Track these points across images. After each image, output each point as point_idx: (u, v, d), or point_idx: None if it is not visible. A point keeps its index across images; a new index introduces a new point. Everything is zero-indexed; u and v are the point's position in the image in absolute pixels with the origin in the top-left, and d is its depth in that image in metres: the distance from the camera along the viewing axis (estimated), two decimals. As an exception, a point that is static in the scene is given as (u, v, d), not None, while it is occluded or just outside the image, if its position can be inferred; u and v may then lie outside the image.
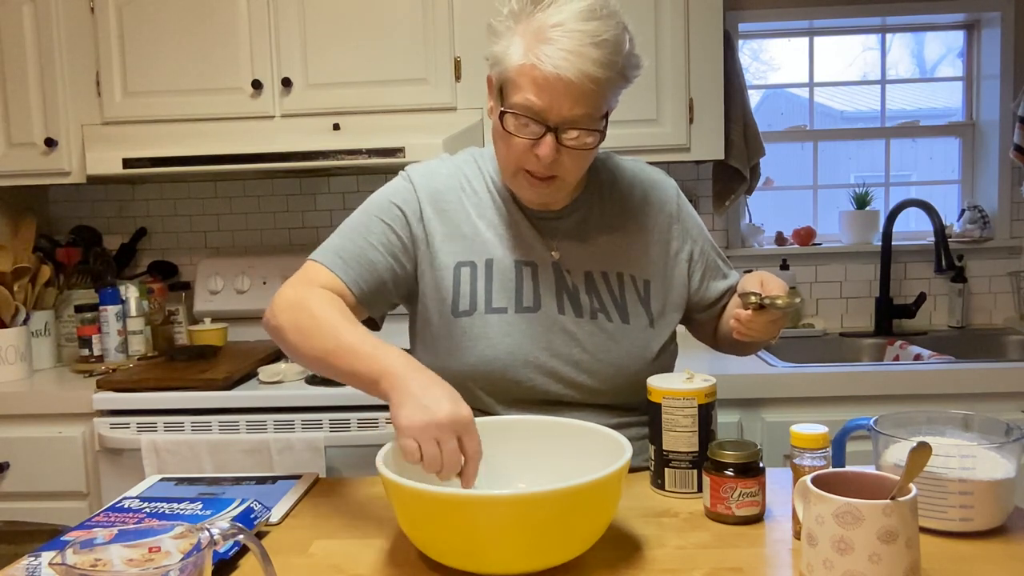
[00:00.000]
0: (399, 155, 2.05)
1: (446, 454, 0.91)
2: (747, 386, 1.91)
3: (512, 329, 1.17)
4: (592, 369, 1.18)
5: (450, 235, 1.21)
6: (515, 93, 1.07)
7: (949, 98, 2.67)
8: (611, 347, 1.19)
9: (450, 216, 1.22)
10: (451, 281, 1.19)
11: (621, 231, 1.25)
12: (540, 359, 1.17)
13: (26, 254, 2.21)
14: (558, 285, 1.20)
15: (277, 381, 1.96)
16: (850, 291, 2.56)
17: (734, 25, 2.46)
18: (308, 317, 1.09)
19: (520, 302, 1.18)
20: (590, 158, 1.15)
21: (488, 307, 1.17)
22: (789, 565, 0.89)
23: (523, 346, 1.16)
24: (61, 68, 2.17)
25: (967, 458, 0.93)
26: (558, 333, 1.18)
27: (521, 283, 1.19)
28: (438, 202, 1.23)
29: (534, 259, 1.21)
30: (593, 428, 1.04)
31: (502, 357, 1.16)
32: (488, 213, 1.23)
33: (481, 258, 1.20)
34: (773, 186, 2.67)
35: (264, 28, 2.13)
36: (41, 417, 1.96)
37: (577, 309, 1.19)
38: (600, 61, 1.03)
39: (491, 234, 1.21)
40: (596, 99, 1.06)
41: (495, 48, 1.10)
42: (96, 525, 1.00)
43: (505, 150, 1.13)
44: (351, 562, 0.94)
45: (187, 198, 2.57)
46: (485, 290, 1.18)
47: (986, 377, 1.89)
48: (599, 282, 1.21)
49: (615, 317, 1.20)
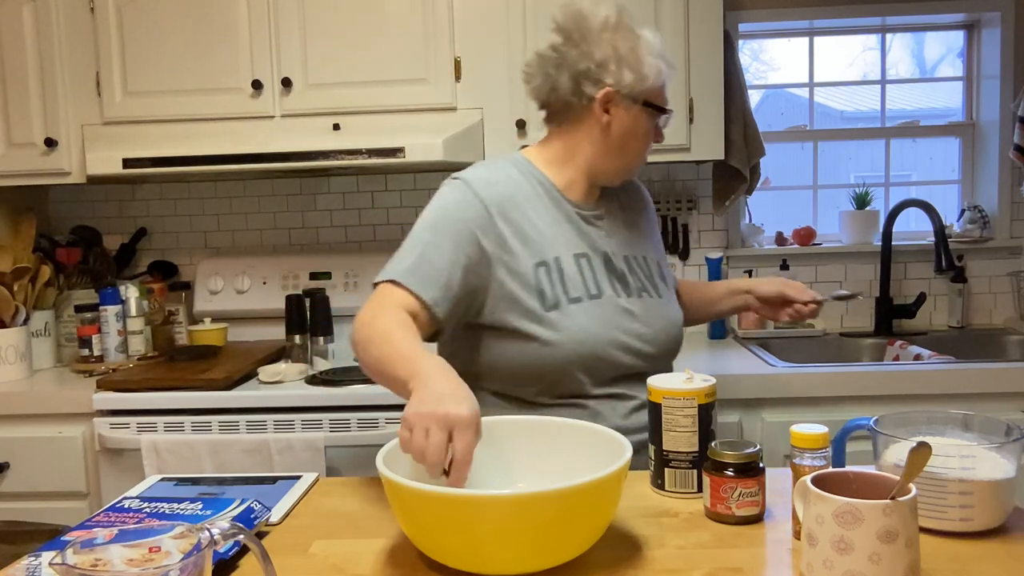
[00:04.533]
0: (399, 155, 2.05)
1: (430, 445, 0.91)
2: (747, 386, 1.91)
3: (591, 315, 1.29)
4: (652, 339, 1.34)
5: (521, 239, 1.30)
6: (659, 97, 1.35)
7: (949, 98, 2.68)
8: (660, 318, 1.36)
9: (517, 221, 1.31)
10: (534, 281, 1.28)
11: (633, 221, 1.45)
12: (616, 337, 1.30)
13: (26, 254, 2.22)
14: (608, 271, 1.35)
15: (277, 381, 1.96)
16: (850, 291, 2.56)
17: (734, 25, 2.46)
18: (371, 331, 1.15)
19: (588, 291, 1.31)
20: None
21: (568, 298, 1.29)
22: (789, 565, 0.89)
23: (602, 328, 1.29)
24: (61, 68, 2.18)
25: (967, 458, 0.93)
26: (621, 313, 1.32)
27: (583, 275, 1.32)
28: (505, 210, 1.31)
29: (586, 251, 1.34)
30: (593, 428, 1.04)
31: (590, 340, 1.28)
32: (543, 214, 1.34)
33: (550, 256, 1.31)
34: (773, 186, 2.67)
35: (264, 28, 2.13)
36: (41, 417, 1.96)
37: (627, 290, 1.35)
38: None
39: (550, 233, 1.33)
40: None
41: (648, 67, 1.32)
42: (96, 525, 1.00)
43: (643, 146, 1.37)
44: (351, 562, 0.94)
45: (187, 198, 2.57)
46: (561, 284, 1.30)
47: (986, 377, 1.89)
48: (634, 264, 1.39)
49: (653, 293, 1.38)
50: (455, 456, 0.92)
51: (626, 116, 1.33)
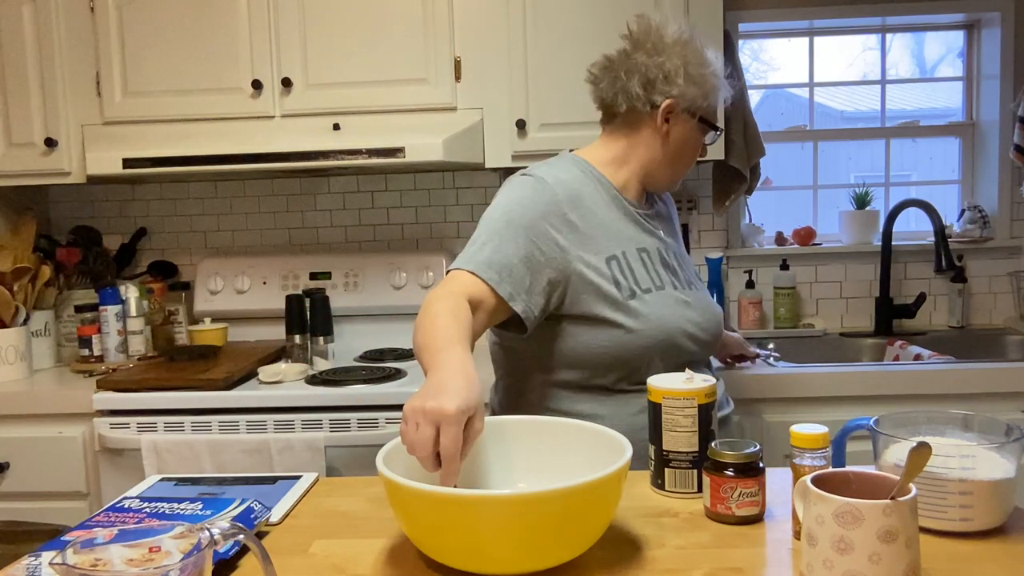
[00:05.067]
0: (399, 155, 2.05)
1: (417, 439, 0.92)
2: (747, 386, 1.91)
3: (659, 305, 1.35)
4: (707, 327, 1.41)
5: (592, 234, 1.35)
6: (712, 117, 1.45)
7: (949, 98, 2.67)
8: (709, 308, 1.43)
9: (586, 215, 1.36)
10: (609, 272, 1.34)
11: (671, 221, 1.57)
12: (683, 325, 1.36)
13: (26, 254, 2.21)
14: (664, 265, 1.42)
15: (277, 381, 1.96)
16: (850, 291, 2.56)
17: (734, 25, 2.46)
18: (423, 318, 1.16)
19: (653, 283, 1.38)
20: None
21: (641, 289, 1.35)
22: (789, 565, 0.89)
23: (673, 316, 1.36)
24: (61, 68, 2.18)
25: (967, 458, 0.93)
26: (681, 304, 1.38)
27: (646, 267, 1.39)
28: (576, 205, 1.36)
29: (645, 246, 1.41)
30: (593, 428, 1.04)
31: (666, 327, 1.34)
32: (607, 211, 1.40)
33: (618, 250, 1.37)
34: (773, 186, 2.67)
35: (264, 28, 2.13)
36: (41, 417, 1.96)
37: (680, 282, 1.42)
38: None
39: (614, 228, 1.39)
40: None
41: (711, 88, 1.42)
42: (96, 525, 1.00)
43: (691, 159, 1.47)
44: (351, 562, 0.94)
45: (187, 198, 2.57)
46: (631, 276, 1.36)
47: (986, 377, 1.89)
48: (679, 258, 1.48)
49: (699, 287, 1.47)
50: (442, 451, 0.92)
51: (683, 128, 1.43)
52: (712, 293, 2.43)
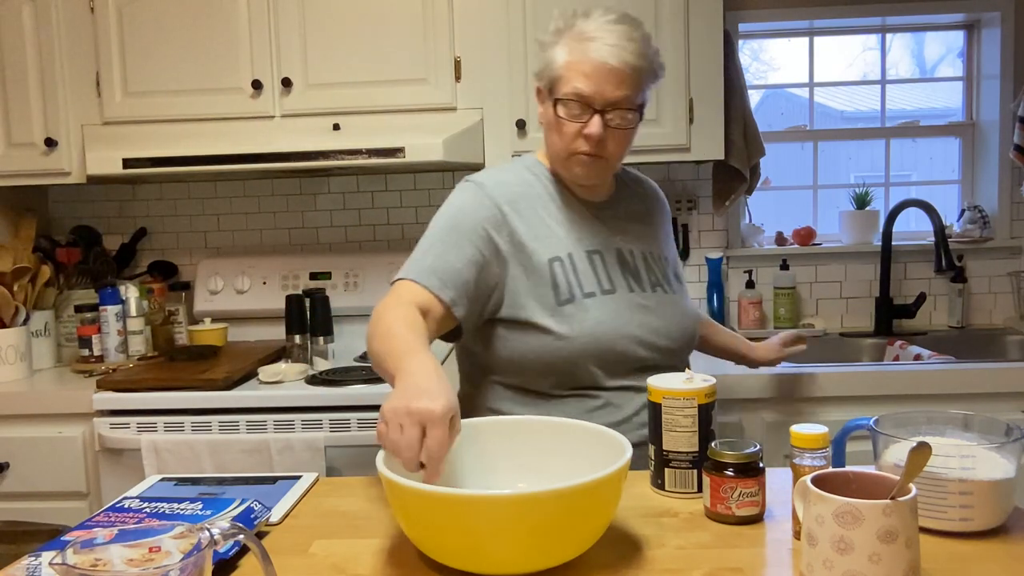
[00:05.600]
0: (399, 155, 2.05)
1: (404, 440, 0.91)
2: (747, 386, 1.91)
3: (605, 310, 1.31)
4: (668, 333, 1.36)
5: (534, 235, 1.33)
6: (565, 85, 1.27)
7: (949, 98, 2.67)
8: (675, 312, 1.38)
9: (529, 218, 1.34)
10: (549, 275, 1.31)
11: (649, 220, 1.48)
12: (630, 330, 1.32)
13: (26, 254, 2.21)
14: (623, 267, 1.37)
15: (277, 381, 1.96)
16: (850, 291, 2.56)
17: (734, 25, 2.46)
18: (377, 327, 1.16)
19: (601, 286, 1.33)
20: (631, 139, 1.34)
21: (583, 293, 1.31)
22: (789, 565, 0.89)
23: (616, 321, 1.31)
24: (61, 68, 2.18)
25: (967, 458, 0.93)
26: (637, 307, 1.34)
27: (596, 271, 1.34)
28: (517, 208, 1.34)
29: (599, 248, 1.37)
30: (593, 428, 1.04)
31: (607, 333, 1.30)
32: (555, 212, 1.37)
33: (563, 252, 1.33)
34: (773, 186, 2.67)
35: (264, 28, 2.13)
36: (41, 417, 1.96)
37: (642, 284, 1.37)
38: (636, 52, 1.26)
39: (562, 231, 1.35)
40: (634, 84, 1.27)
41: (544, 56, 1.32)
42: (96, 525, 1.00)
43: (559, 138, 1.31)
44: (351, 562, 0.94)
45: (187, 198, 2.57)
46: (575, 279, 1.32)
47: (986, 377, 1.89)
48: (650, 259, 1.42)
49: (668, 288, 1.41)
50: (428, 451, 0.92)
51: (544, 108, 1.35)
52: (712, 293, 2.43)
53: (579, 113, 1.27)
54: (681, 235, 2.52)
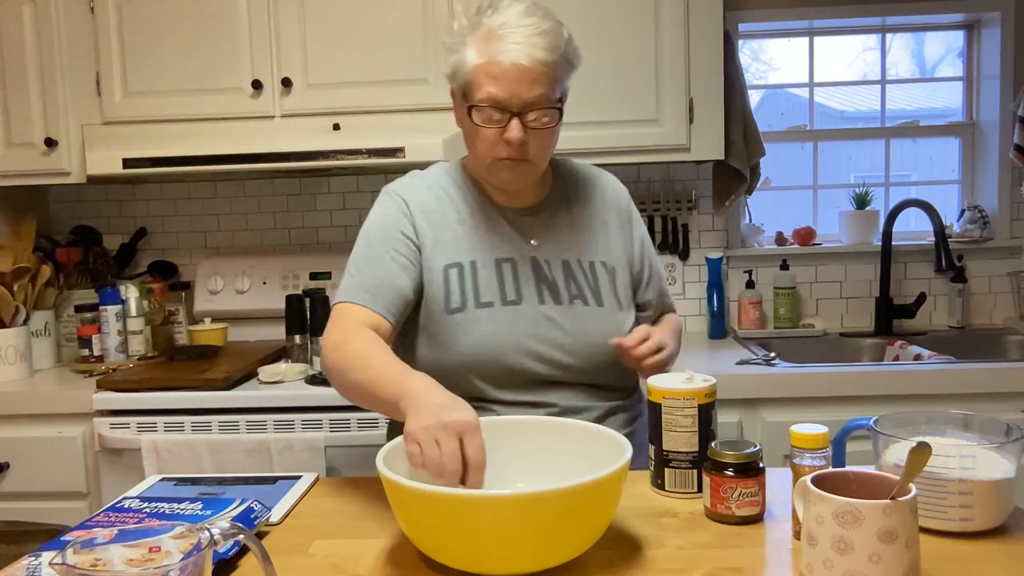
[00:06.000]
0: (399, 155, 2.05)
1: (445, 453, 0.91)
2: (747, 386, 1.91)
3: (500, 320, 1.26)
4: (574, 350, 1.28)
5: (438, 240, 1.30)
6: (478, 91, 1.20)
7: (949, 98, 2.67)
8: (590, 328, 1.29)
9: (436, 223, 1.31)
10: (442, 282, 1.28)
11: (588, 224, 1.37)
12: (528, 344, 1.26)
13: (26, 254, 2.21)
14: (537, 277, 1.30)
15: (277, 381, 1.96)
16: (850, 291, 2.56)
17: (734, 25, 2.46)
18: (345, 357, 1.15)
19: (505, 296, 1.28)
20: (554, 138, 1.27)
21: (477, 303, 1.27)
22: (789, 565, 0.89)
23: (512, 334, 1.26)
24: (61, 68, 2.17)
25: (967, 458, 0.93)
26: (542, 320, 1.28)
27: (503, 280, 1.29)
28: (425, 212, 1.31)
29: (513, 256, 1.31)
30: (593, 428, 1.04)
31: (493, 345, 1.25)
32: (467, 217, 1.32)
33: (466, 259, 1.29)
34: (773, 186, 2.67)
35: (264, 28, 2.13)
36: (41, 417, 1.96)
37: (556, 297, 1.30)
38: (546, 47, 1.18)
39: (473, 236, 1.31)
40: (549, 81, 1.20)
41: (452, 60, 1.24)
42: (96, 525, 1.00)
43: (479, 144, 1.25)
44: (351, 562, 0.94)
45: (187, 198, 2.57)
46: (472, 288, 1.28)
47: (986, 377, 1.89)
48: (576, 269, 1.33)
49: (591, 301, 1.31)
50: (470, 460, 0.92)
51: (460, 113, 1.28)
52: (712, 293, 2.43)
53: (497, 118, 1.21)
54: (681, 235, 2.52)
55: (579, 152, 2.11)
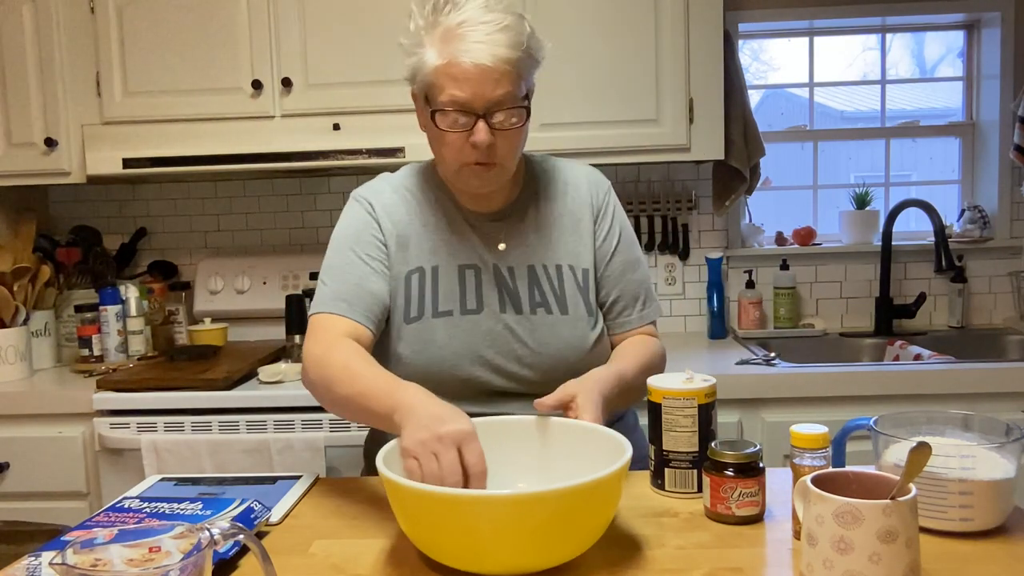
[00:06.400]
0: (399, 155, 2.05)
1: (444, 466, 0.91)
2: (747, 386, 1.91)
3: (457, 331, 1.24)
4: (532, 363, 1.25)
5: (401, 245, 1.28)
6: (440, 94, 1.15)
7: (949, 98, 2.67)
8: (551, 340, 1.26)
9: (401, 228, 1.28)
10: (403, 289, 1.26)
11: (556, 224, 1.31)
12: (485, 356, 1.24)
13: (26, 254, 2.21)
14: (499, 285, 1.27)
15: (277, 381, 1.96)
16: (850, 291, 2.56)
17: (734, 25, 2.46)
18: (330, 370, 1.13)
19: (464, 305, 1.25)
20: (522, 138, 1.22)
21: (435, 311, 1.25)
22: (789, 565, 0.89)
23: (468, 345, 1.24)
24: (61, 68, 2.17)
25: (967, 458, 0.93)
26: (501, 331, 1.25)
27: (464, 287, 1.26)
28: (391, 215, 1.29)
29: (476, 262, 1.28)
30: (593, 428, 1.04)
31: (448, 357, 1.23)
32: (432, 221, 1.29)
33: (428, 265, 1.27)
34: (773, 186, 2.67)
35: (264, 28, 2.13)
36: (41, 417, 1.96)
37: (517, 306, 1.26)
38: (509, 43, 1.13)
39: (437, 240, 1.28)
40: (513, 79, 1.15)
41: (410, 62, 1.19)
42: (96, 525, 1.00)
43: (445, 150, 1.20)
44: (351, 562, 0.94)
45: (187, 198, 2.57)
46: (432, 296, 1.26)
47: (986, 377, 1.89)
48: (541, 275, 1.28)
49: (555, 309, 1.27)
50: (470, 468, 0.92)
51: (424, 117, 1.22)
52: (712, 293, 2.43)
53: (462, 121, 1.15)
54: (681, 235, 2.52)
55: (579, 152, 2.11)
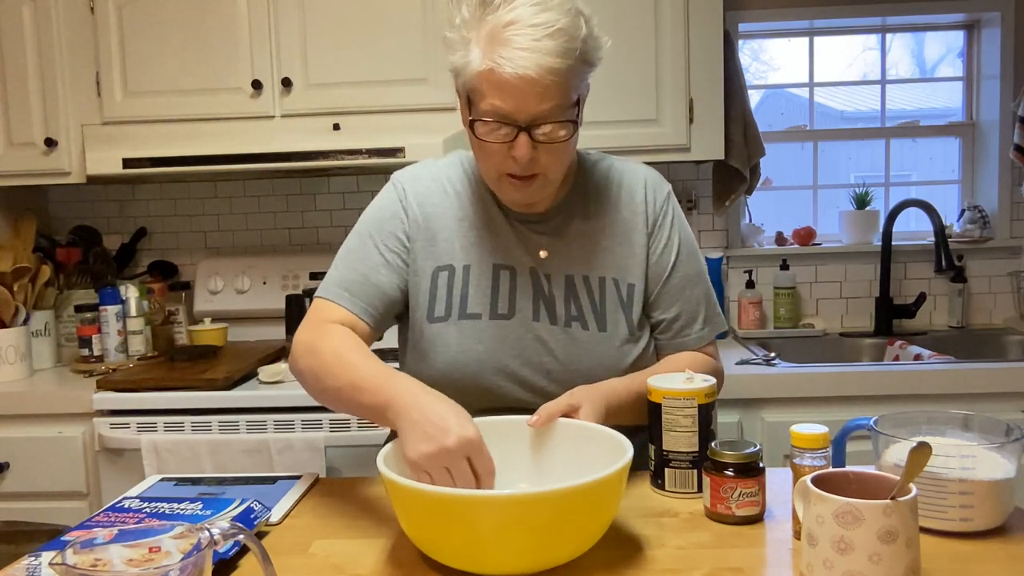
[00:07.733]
0: (399, 155, 2.05)
1: (458, 478, 0.91)
2: (747, 386, 1.91)
3: (484, 336, 1.17)
4: (562, 379, 1.17)
5: (432, 239, 1.21)
6: (481, 100, 1.07)
7: (949, 98, 2.67)
8: (583, 357, 1.18)
9: (433, 220, 1.22)
10: (428, 286, 1.20)
11: (607, 233, 1.22)
12: (511, 367, 1.17)
13: (26, 254, 2.21)
14: (535, 291, 1.19)
15: (277, 381, 1.96)
16: (850, 291, 2.56)
17: (734, 25, 2.46)
18: (321, 359, 1.10)
19: (495, 308, 1.18)
20: (569, 151, 1.13)
21: (463, 313, 1.17)
22: (789, 565, 0.89)
23: (494, 353, 1.17)
24: (61, 68, 2.17)
25: (967, 458, 0.93)
26: (531, 341, 1.18)
27: (497, 289, 1.18)
28: (424, 205, 1.22)
29: (513, 263, 1.20)
30: (593, 428, 1.04)
31: (472, 364, 1.16)
32: (470, 216, 1.22)
33: (460, 263, 1.19)
34: (773, 186, 2.67)
35: (264, 28, 2.13)
36: (41, 417, 1.96)
37: (552, 316, 1.18)
38: (558, 51, 1.02)
39: (472, 237, 1.20)
40: (561, 90, 1.05)
41: (454, 59, 1.09)
42: (96, 525, 1.00)
43: (484, 157, 1.12)
44: (351, 562, 0.94)
45: (187, 198, 2.57)
46: (461, 296, 1.18)
47: (986, 377, 1.89)
48: (580, 287, 1.20)
49: (591, 325, 1.18)
50: (481, 473, 0.92)
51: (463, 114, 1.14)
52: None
53: (503, 132, 1.07)
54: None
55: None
